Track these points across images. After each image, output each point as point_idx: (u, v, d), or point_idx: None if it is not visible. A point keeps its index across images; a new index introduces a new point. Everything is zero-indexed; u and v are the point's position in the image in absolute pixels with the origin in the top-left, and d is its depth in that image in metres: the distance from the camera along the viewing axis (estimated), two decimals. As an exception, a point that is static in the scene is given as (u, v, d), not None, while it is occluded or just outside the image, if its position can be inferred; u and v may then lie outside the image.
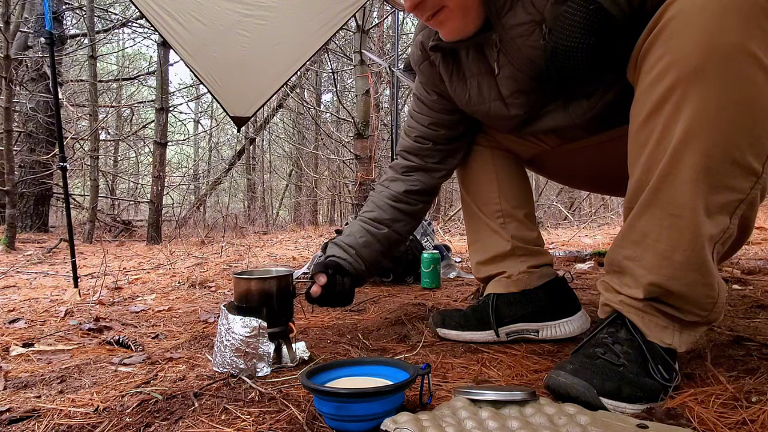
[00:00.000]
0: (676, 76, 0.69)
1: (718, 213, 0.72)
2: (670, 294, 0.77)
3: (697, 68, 0.67)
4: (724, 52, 0.65)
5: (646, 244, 0.78)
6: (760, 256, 2.30)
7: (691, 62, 0.67)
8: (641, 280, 0.79)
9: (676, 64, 0.68)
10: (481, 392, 0.72)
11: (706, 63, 0.66)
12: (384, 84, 7.83)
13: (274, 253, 3.76)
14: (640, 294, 0.79)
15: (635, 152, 0.78)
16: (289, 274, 1.05)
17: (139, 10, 2.57)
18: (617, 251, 0.83)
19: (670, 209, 0.74)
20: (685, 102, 0.68)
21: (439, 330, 1.20)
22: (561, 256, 2.78)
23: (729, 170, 0.70)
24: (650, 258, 0.77)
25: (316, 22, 2.85)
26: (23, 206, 6.19)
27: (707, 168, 0.70)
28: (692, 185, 0.71)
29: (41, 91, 6.27)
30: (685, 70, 0.67)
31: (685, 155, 0.70)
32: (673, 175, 0.72)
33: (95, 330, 1.41)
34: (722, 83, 0.66)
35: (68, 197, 2.15)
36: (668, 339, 0.79)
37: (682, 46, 0.68)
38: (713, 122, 0.68)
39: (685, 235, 0.73)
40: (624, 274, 0.82)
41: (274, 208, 12.59)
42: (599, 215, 6.25)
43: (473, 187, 1.24)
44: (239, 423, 0.75)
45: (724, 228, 0.74)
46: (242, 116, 3.17)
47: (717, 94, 0.67)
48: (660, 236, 0.76)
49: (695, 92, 0.67)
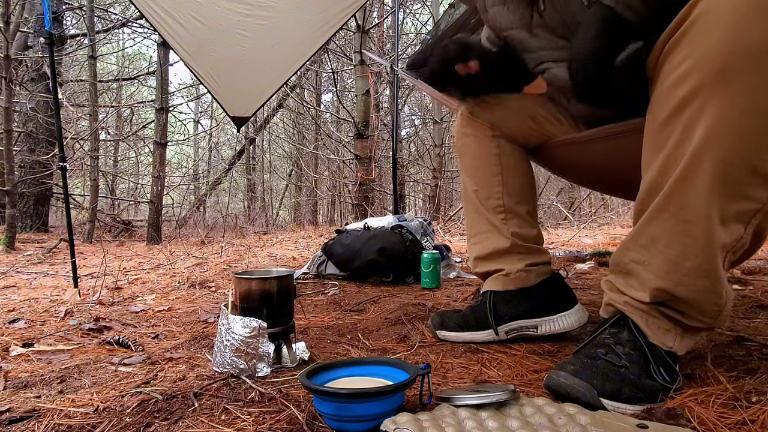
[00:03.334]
0: (701, 77, 0.66)
1: (733, 222, 0.71)
2: (676, 299, 0.76)
3: (723, 70, 0.64)
4: (752, 54, 0.63)
5: (655, 248, 0.76)
6: (760, 256, 2.30)
7: (717, 64, 0.65)
8: (648, 284, 0.78)
9: (701, 65, 0.66)
10: (461, 397, 0.72)
11: (732, 65, 0.64)
12: (384, 84, 7.84)
13: (274, 253, 3.76)
14: (645, 297, 0.78)
15: (651, 153, 0.76)
16: (290, 275, 1.05)
17: (139, 10, 2.57)
18: (624, 253, 0.82)
19: (683, 215, 0.72)
20: (709, 105, 0.66)
21: (439, 332, 1.20)
22: (561, 256, 2.78)
23: (748, 179, 0.68)
24: (658, 263, 0.76)
25: (316, 22, 2.85)
26: (23, 206, 6.18)
27: (725, 175, 0.68)
28: (709, 192, 0.69)
29: (41, 91, 6.27)
30: (710, 72, 0.65)
31: (704, 160, 0.68)
32: (690, 180, 0.70)
33: (95, 330, 1.40)
34: (748, 87, 0.64)
35: (68, 197, 2.15)
36: (669, 342, 0.79)
37: (709, 46, 0.65)
38: (736, 127, 0.66)
39: (697, 242, 0.72)
40: (630, 276, 0.82)
41: (274, 208, 12.58)
42: (599, 215, 6.25)
43: (477, 180, 1.21)
44: (239, 423, 0.75)
45: (737, 237, 0.72)
46: (242, 116, 3.17)
47: (742, 98, 0.65)
48: (671, 242, 0.74)
49: (719, 95, 0.65)
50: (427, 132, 9.36)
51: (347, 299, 1.77)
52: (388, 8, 8.04)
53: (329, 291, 1.94)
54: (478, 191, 1.20)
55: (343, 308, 1.61)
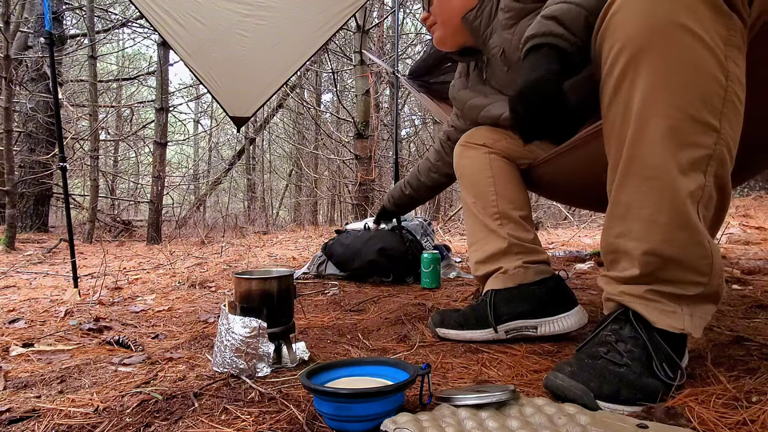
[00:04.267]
0: (627, 57, 0.76)
1: (691, 170, 0.75)
2: (665, 264, 0.77)
3: (643, 46, 0.74)
4: (662, 28, 0.73)
5: (631, 215, 0.79)
6: (760, 256, 2.30)
7: (637, 43, 0.74)
8: (634, 252, 0.79)
9: (625, 47, 0.76)
10: (461, 397, 0.72)
11: (650, 40, 0.74)
12: (384, 84, 7.84)
13: (274, 253, 3.76)
14: (636, 270, 0.79)
15: (607, 137, 0.83)
16: (290, 275, 1.05)
17: (139, 10, 2.57)
18: (608, 233, 0.84)
19: (645, 173, 0.77)
20: (638, 76, 0.75)
21: (439, 330, 1.20)
22: (561, 256, 2.78)
23: (691, 127, 0.74)
24: (638, 227, 0.79)
25: (316, 22, 2.85)
26: (23, 206, 6.19)
27: (671, 127, 0.74)
28: (661, 144, 0.75)
29: (41, 91, 6.27)
30: (633, 51, 0.75)
31: (649, 119, 0.75)
32: (641, 140, 0.76)
33: (95, 330, 1.41)
34: (666, 54, 0.73)
35: (68, 197, 2.15)
36: (679, 324, 0.77)
37: (627, 31, 0.76)
38: (666, 86, 0.74)
39: (665, 194, 0.75)
40: (619, 257, 0.83)
41: (274, 208, 12.58)
42: (599, 215, 6.25)
43: (472, 190, 1.29)
44: (239, 423, 0.75)
45: (701, 185, 0.75)
46: (242, 116, 3.17)
47: (664, 63, 0.73)
48: (643, 203, 0.78)
49: (645, 66, 0.74)
50: (427, 132, 9.36)
51: (347, 299, 1.77)
52: (388, 8, 8.05)
53: (329, 291, 1.94)
54: (476, 203, 1.28)
55: (343, 308, 1.61)
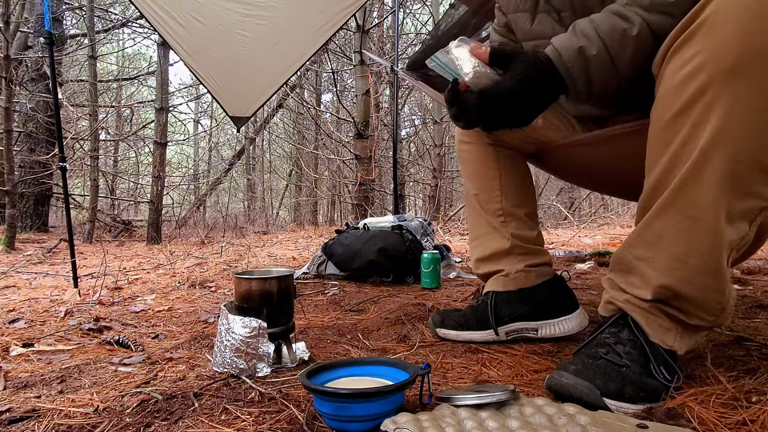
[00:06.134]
0: (711, 75, 0.66)
1: (740, 219, 0.71)
2: (679, 297, 0.76)
3: (734, 68, 0.64)
4: (763, 52, 0.63)
5: (660, 245, 0.76)
6: (760, 256, 2.30)
7: (728, 61, 0.64)
8: (651, 281, 0.77)
9: (711, 62, 0.66)
10: (461, 397, 0.72)
11: (743, 63, 0.64)
12: (384, 84, 7.84)
13: (274, 253, 3.76)
14: (647, 295, 0.78)
15: (657, 151, 0.76)
16: (290, 275, 1.05)
17: (139, 10, 2.57)
18: (628, 250, 0.82)
19: (690, 212, 0.72)
20: (718, 102, 0.66)
21: (439, 330, 1.20)
22: (561, 256, 2.78)
23: (756, 176, 0.69)
24: (664, 261, 0.76)
25: (316, 22, 2.85)
26: (23, 206, 6.18)
27: (734, 173, 0.68)
28: (717, 189, 0.69)
29: (41, 91, 6.27)
30: (720, 69, 0.65)
31: (713, 158, 0.68)
32: (698, 177, 0.70)
33: (95, 330, 1.40)
34: (758, 84, 0.64)
35: (68, 197, 2.15)
36: (670, 341, 0.79)
37: (719, 44, 0.65)
38: (745, 125, 0.66)
39: (704, 239, 0.72)
40: (632, 273, 0.82)
41: (274, 208, 12.58)
42: (599, 215, 6.25)
43: (477, 184, 1.24)
44: (239, 423, 0.75)
45: (743, 235, 0.72)
46: (242, 116, 3.17)
47: (752, 95, 0.65)
48: (677, 240, 0.74)
49: (729, 92, 0.65)
50: (427, 132, 9.36)
51: (347, 299, 1.77)
52: (388, 8, 8.04)
53: (329, 291, 1.94)
54: (478, 195, 1.23)
55: (343, 308, 1.61)
